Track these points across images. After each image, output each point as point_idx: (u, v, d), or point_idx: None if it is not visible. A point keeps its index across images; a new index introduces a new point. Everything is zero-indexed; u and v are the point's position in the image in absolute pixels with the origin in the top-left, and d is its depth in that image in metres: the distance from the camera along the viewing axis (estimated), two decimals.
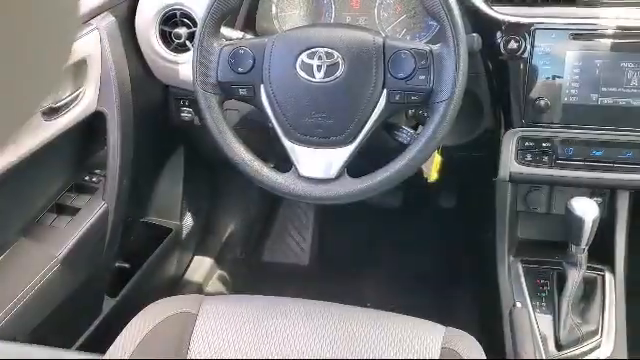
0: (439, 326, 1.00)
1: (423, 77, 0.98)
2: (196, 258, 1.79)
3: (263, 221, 2.00)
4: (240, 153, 1.05)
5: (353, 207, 1.24)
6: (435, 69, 0.97)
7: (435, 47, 0.98)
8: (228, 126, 1.06)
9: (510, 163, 1.22)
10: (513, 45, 1.11)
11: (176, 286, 1.69)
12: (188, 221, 1.72)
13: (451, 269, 1.76)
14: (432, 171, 1.17)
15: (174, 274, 1.68)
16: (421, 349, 0.95)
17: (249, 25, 1.29)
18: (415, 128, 1.15)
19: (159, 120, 1.41)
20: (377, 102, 1.00)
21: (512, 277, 1.26)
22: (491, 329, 1.24)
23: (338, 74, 0.99)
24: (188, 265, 1.76)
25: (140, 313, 1.03)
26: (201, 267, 1.78)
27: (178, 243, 1.66)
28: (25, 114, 0.30)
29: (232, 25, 1.21)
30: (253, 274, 1.88)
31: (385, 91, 0.99)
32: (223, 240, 1.89)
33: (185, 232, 1.70)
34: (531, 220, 1.39)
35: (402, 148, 1.03)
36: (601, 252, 1.27)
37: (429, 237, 1.85)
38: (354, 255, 1.91)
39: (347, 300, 1.06)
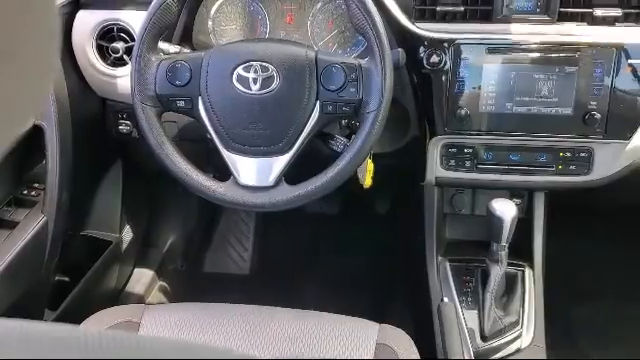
0: (373, 324, 1.06)
1: (353, 89, 1.05)
2: (137, 270, 1.80)
3: (204, 231, 2.03)
4: (179, 164, 1.08)
5: (293, 214, 1.30)
6: (364, 82, 1.05)
7: (363, 61, 1.06)
8: (167, 138, 1.09)
9: (436, 168, 1.31)
10: (435, 59, 1.20)
11: (117, 298, 1.69)
12: (128, 234, 1.72)
13: (386, 270, 1.84)
14: (366, 177, 1.24)
15: (115, 286, 1.68)
16: (357, 346, 1.01)
17: (186, 39, 1.32)
18: (349, 137, 1.21)
19: (97, 133, 1.42)
20: (311, 113, 1.06)
21: (440, 275, 1.34)
22: (423, 325, 1.32)
23: (273, 86, 1.05)
24: (129, 277, 1.77)
25: (82, 324, 1.05)
26: (142, 279, 1.78)
27: (118, 256, 1.67)
28: None
29: (169, 39, 1.24)
30: (195, 284, 1.90)
31: (318, 102, 1.06)
32: (164, 251, 1.90)
33: (125, 245, 1.70)
34: (457, 221, 1.48)
35: (336, 156, 1.09)
36: (521, 249, 1.37)
37: (366, 241, 1.93)
38: (294, 261, 1.96)
39: (288, 304, 1.11)
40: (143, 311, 1.07)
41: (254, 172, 1.06)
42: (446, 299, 1.17)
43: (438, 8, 1.20)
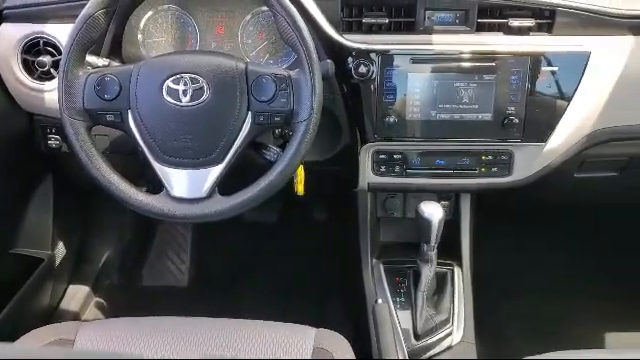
0: (310, 328, 1.08)
1: (284, 100, 1.07)
2: (71, 287, 1.76)
3: (139, 245, 2.00)
4: (110, 178, 1.08)
5: (231, 224, 1.31)
6: (294, 92, 1.07)
7: (293, 72, 1.09)
8: (97, 152, 1.08)
9: (367, 174, 1.35)
10: (363, 69, 1.24)
11: (51, 316, 1.65)
12: (60, 250, 1.68)
13: (324, 275, 1.87)
14: (299, 185, 1.27)
15: (48, 304, 1.64)
16: (294, 351, 1.03)
17: (115, 52, 1.31)
18: (282, 146, 1.23)
19: (26, 149, 1.39)
20: (243, 123, 1.08)
21: (375, 277, 1.39)
22: (359, 327, 1.36)
23: (204, 98, 1.06)
24: (63, 294, 1.72)
25: (15, 343, 1.02)
26: (77, 295, 1.75)
27: (51, 273, 1.63)
28: None
29: (98, 53, 1.23)
30: (132, 299, 1.87)
31: (250, 113, 1.08)
32: (99, 267, 1.87)
33: (58, 261, 1.66)
34: (390, 225, 1.53)
35: (270, 165, 1.11)
36: (450, 249, 1.43)
37: (304, 247, 1.96)
38: (233, 271, 1.97)
39: (227, 314, 1.12)
40: (78, 328, 1.05)
41: (186, 184, 1.07)
42: (380, 300, 1.21)
43: (364, 20, 1.24)
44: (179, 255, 2.02)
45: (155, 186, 1.12)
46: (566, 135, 1.28)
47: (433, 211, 1.24)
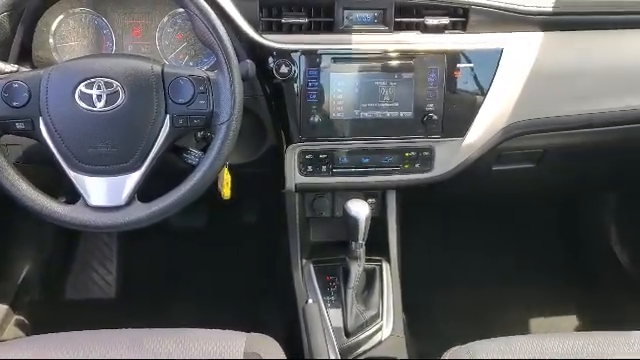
0: (241, 333, 1.07)
1: (203, 101, 1.06)
2: None
3: (62, 257, 1.92)
4: (22, 189, 1.03)
5: (158, 231, 1.27)
6: (213, 94, 1.06)
7: (212, 73, 1.07)
8: (7, 162, 1.03)
9: (294, 175, 1.35)
10: (284, 69, 1.23)
11: None
12: None
13: (256, 279, 1.85)
14: (225, 189, 1.25)
15: None
16: (225, 357, 1.02)
17: (25, 58, 1.25)
18: (205, 150, 1.21)
19: None
20: (161, 127, 1.05)
21: (305, 278, 1.39)
22: (292, 328, 1.35)
23: (119, 102, 1.03)
24: None
25: None
26: None
27: None
28: None
29: (5, 58, 1.17)
30: (56, 315, 1.79)
31: (168, 116, 1.05)
32: (18, 283, 1.78)
33: None
34: (320, 224, 1.53)
35: (192, 169, 1.09)
36: (379, 245, 1.45)
37: (235, 251, 1.93)
38: (162, 279, 1.92)
39: (157, 324, 1.09)
40: None
41: (104, 192, 1.04)
42: (310, 300, 1.21)
43: (283, 20, 1.24)
44: (105, 265, 1.95)
45: (74, 196, 1.08)
46: (483, 129, 1.32)
47: (359, 209, 1.25)
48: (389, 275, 1.40)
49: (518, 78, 1.31)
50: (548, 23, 1.32)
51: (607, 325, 1.15)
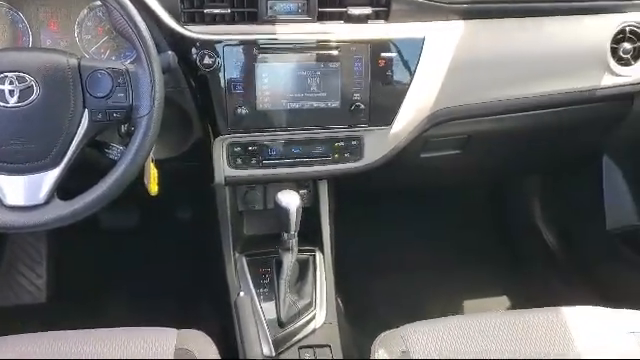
0: (173, 330, 1.06)
1: (122, 94, 1.03)
2: None
3: None
4: None
5: (88, 232, 1.24)
6: (133, 87, 1.03)
7: (131, 66, 1.04)
8: None
9: (223, 168, 1.33)
10: (208, 61, 1.21)
11: None
12: None
13: (190, 275, 1.83)
14: (152, 185, 1.22)
15: None
16: (155, 354, 1.00)
17: None
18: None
19: None
20: (79, 122, 1.02)
21: (238, 271, 1.38)
22: (225, 323, 1.34)
23: (33, 98, 0.99)
24: None
25: None
26: None
27: None
28: None
29: None
30: None
31: (87, 111, 1.02)
32: None
33: None
34: (254, 217, 1.53)
35: (114, 165, 1.06)
36: (313, 236, 1.46)
37: (167, 249, 1.90)
38: (95, 281, 1.87)
39: (91, 326, 1.07)
40: None
41: (22, 191, 0.99)
42: (242, 293, 1.20)
43: (205, 11, 1.22)
44: (34, 269, 1.88)
45: None
46: (409, 117, 1.34)
47: (290, 200, 1.25)
48: (322, 265, 1.41)
49: (441, 66, 1.34)
50: (468, 12, 1.35)
51: (535, 302, 1.20)
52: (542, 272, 2.03)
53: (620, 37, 1.45)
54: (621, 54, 1.43)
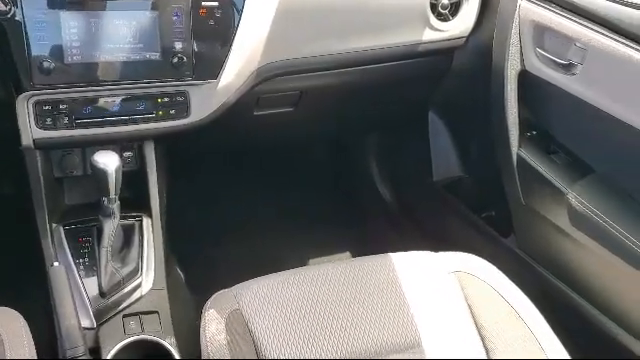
0: None
1: None
2: None
3: None
4: None
5: None
6: None
7: None
8: None
9: (31, 129, 1.19)
10: (1, 7, 1.07)
11: None
12: None
13: (14, 251, 1.64)
14: None
15: None
16: None
17: None
18: None
19: None
20: None
21: (55, 242, 1.26)
22: (44, 298, 1.22)
23: None
24: None
25: None
26: None
27: None
28: None
29: None
30: None
31: None
32: None
33: None
34: (75, 185, 1.40)
35: None
36: (141, 200, 1.36)
37: None
38: None
39: None
40: None
41: None
42: (56, 264, 1.10)
43: None
44: None
45: None
46: (236, 71, 1.29)
47: (107, 160, 1.15)
48: (150, 229, 1.32)
49: (266, 17, 1.29)
50: None
51: (374, 253, 1.22)
52: (382, 226, 2.11)
53: None
54: (440, 9, 1.47)
